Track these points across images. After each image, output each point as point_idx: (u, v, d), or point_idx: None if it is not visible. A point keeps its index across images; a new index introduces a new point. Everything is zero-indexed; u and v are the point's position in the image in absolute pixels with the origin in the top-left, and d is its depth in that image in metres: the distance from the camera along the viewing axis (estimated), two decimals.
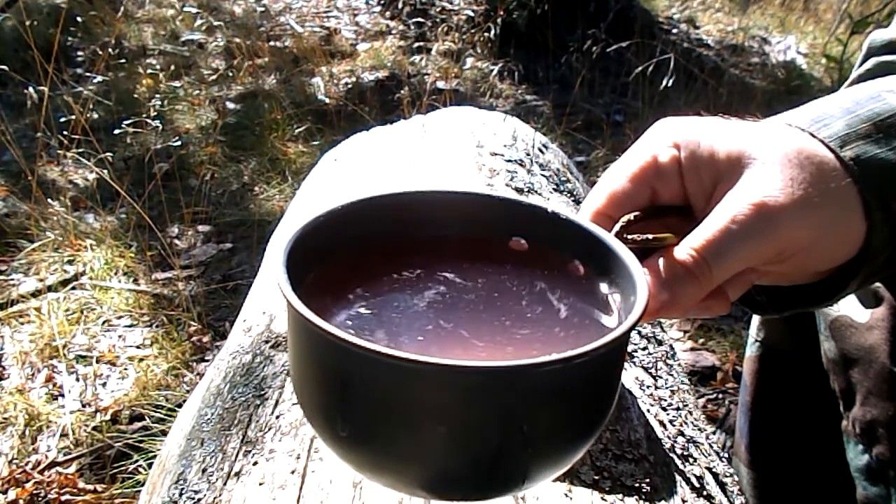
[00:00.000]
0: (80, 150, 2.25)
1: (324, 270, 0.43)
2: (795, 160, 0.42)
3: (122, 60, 3.05)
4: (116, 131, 2.31)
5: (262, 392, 0.71)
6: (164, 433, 1.38)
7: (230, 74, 3.43)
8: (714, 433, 1.58)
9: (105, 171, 2.14)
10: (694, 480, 0.65)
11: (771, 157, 0.43)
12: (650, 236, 0.44)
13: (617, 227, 0.44)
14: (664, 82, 2.82)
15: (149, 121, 2.28)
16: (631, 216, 0.45)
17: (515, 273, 0.45)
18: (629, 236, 0.43)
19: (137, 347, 1.82)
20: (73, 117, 2.20)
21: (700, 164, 0.45)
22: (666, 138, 0.46)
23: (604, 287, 0.43)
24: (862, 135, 0.45)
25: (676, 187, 0.46)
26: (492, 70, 3.50)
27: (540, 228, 0.46)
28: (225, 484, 0.61)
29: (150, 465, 1.36)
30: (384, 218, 0.46)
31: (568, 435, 0.38)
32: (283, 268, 0.38)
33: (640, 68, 2.83)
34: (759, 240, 0.41)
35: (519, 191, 0.99)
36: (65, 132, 2.24)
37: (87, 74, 2.95)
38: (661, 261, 0.42)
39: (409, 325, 0.40)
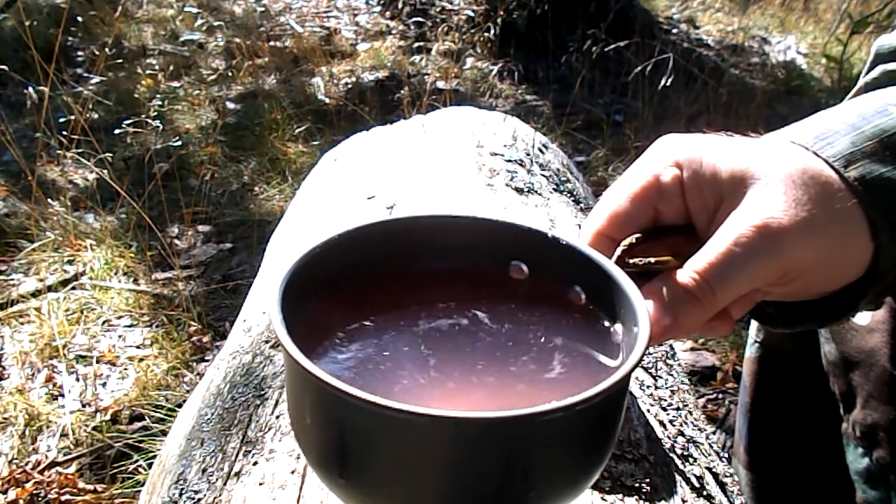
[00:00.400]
0: (80, 151, 2.25)
1: (319, 305, 0.42)
2: (800, 180, 0.42)
3: (121, 61, 3.05)
4: (117, 131, 2.31)
5: (262, 392, 0.71)
6: (164, 433, 1.38)
7: (230, 74, 3.43)
8: (714, 433, 1.58)
9: (105, 172, 2.14)
10: (694, 480, 0.65)
11: (774, 176, 0.42)
12: (652, 260, 0.43)
13: (619, 252, 0.44)
14: (663, 82, 2.82)
15: (149, 121, 2.28)
16: (633, 239, 0.44)
17: (516, 304, 0.45)
18: (631, 260, 0.43)
19: (137, 347, 1.82)
20: (73, 117, 2.20)
21: (702, 184, 0.44)
22: (667, 157, 0.46)
23: (605, 316, 0.43)
24: (868, 153, 0.44)
25: (679, 207, 0.45)
26: (492, 70, 3.50)
27: (540, 254, 0.45)
28: (225, 484, 0.61)
29: (150, 465, 1.36)
30: (381, 246, 0.45)
31: (570, 476, 0.37)
32: (279, 308, 0.37)
33: (639, 68, 2.83)
34: (762, 262, 0.41)
35: (519, 191, 0.99)
36: (64, 132, 2.24)
37: (86, 75, 2.95)
38: (664, 284, 0.42)
39: (404, 367, 0.40)
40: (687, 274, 0.41)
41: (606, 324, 0.42)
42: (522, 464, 0.34)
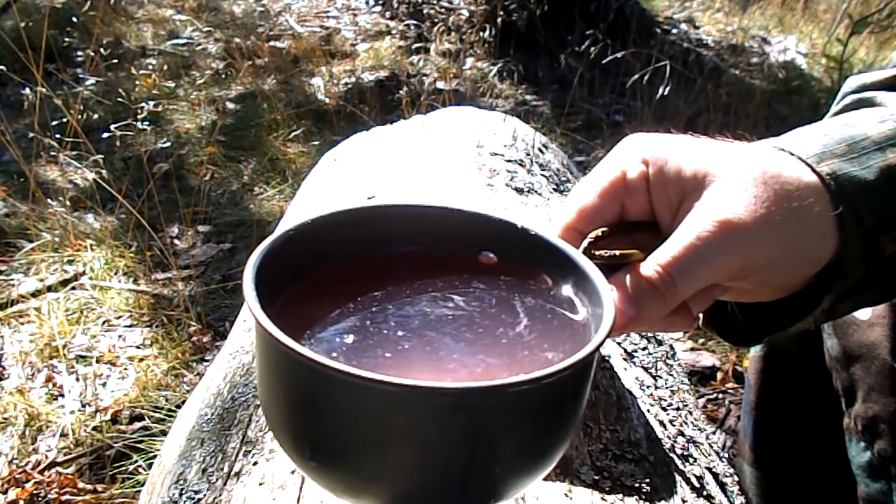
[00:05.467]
0: (78, 152, 2.24)
1: (293, 287, 0.43)
2: (760, 179, 0.44)
3: (116, 61, 3.04)
4: (106, 134, 2.30)
5: None
6: (164, 433, 1.38)
7: (230, 74, 3.43)
8: (714, 433, 1.57)
9: (103, 172, 2.13)
10: (694, 480, 0.65)
11: (735, 176, 0.44)
12: (617, 252, 0.44)
13: (585, 243, 0.45)
14: (661, 91, 2.82)
15: (139, 123, 2.27)
16: (599, 232, 0.46)
17: (483, 289, 0.46)
18: (597, 252, 0.44)
19: (137, 347, 1.82)
20: (72, 118, 2.20)
21: (667, 182, 0.46)
22: (635, 154, 0.47)
23: (572, 303, 0.44)
24: (837, 154, 0.46)
25: (644, 203, 0.47)
26: (491, 70, 3.50)
27: (510, 243, 0.46)
28: (225, 484, 0.61)
29: (150, 465, 1.36)
30: (354, 232, 0.46)
31: (536, 452, 0.38)
32: (252, 286, 0.37)
33: (637, 76, 2.83)
34: (723, 256, 0.42)
35: (519, 191, 0.99)
36: (59, 134, 2.24)
37: (83, 77, 2.95)
38: (627, 276, 0.43)
39: (376, 345, 0.40)
40: (650, 267, 0.43)
41: (573, 309, 0.43)
42: (489, 437, 0.35)
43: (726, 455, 0.78)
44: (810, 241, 0.45)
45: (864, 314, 0.73)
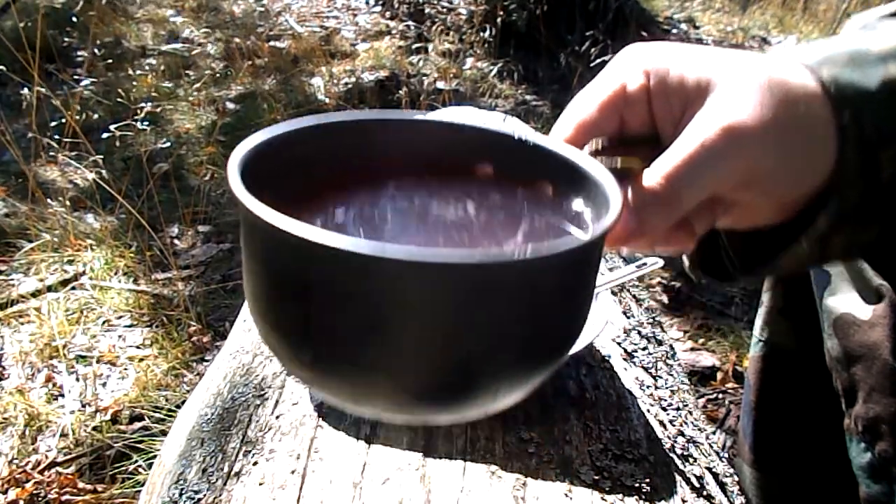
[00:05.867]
0: (78, 152, 2.24)
1: (279, 191, 0.40)
2: (765, 85, 0.42)
3: (116, 61, 3.04)
4: (105, 135, 2.31)
5: (262, 392, 0.71)
6: (164, 433, 1.38)
7: (229, 75, 3.43)
8: (714, 433, 1.58)
9: (102, 172, 2.13)
10: (694, 480, 0.65)
11: (739, 82, 0.43)
12: (619, 162, 0.43)
13: (585, 152, 0.44)
14: None
15: (141, 123, 2.27)
16: (598, 144, 0.44)
17: (485, 196, 0.44)
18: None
19: (137, 347, 1.82)
20: (70, 118, 2.20)
21: (669, 91, 0.44)
22: (636, 66, 0.46)
23: (575, 206, 0.43)
24: (839, 63, 0.45)
25: (644, 115, 0.46)
26: (491, 70, 3.50)
27: (507, 154, 0.45)
28: (225, 484, 0.61)
29: (150, 465, 1.36)
30: (346, 140, 0.45)
31: (538, 347, 0.37)
32: (238, 174, 0.35)
33: None
34: (727, 163, 0.41)
35: None
36: (58, 134, 2.24)
37: (80, 76, 2.95)
38: (629, 188, 0.42)
39: (358, 221, 0.40)
40: (653, 177, 0.41)
41: (577, 213, 0.42)
42: (490, 322, 0.34)
43: (726, 455, 0.78)
44: (814, 148, 0.43)
45: (864, 314, 0.73)
